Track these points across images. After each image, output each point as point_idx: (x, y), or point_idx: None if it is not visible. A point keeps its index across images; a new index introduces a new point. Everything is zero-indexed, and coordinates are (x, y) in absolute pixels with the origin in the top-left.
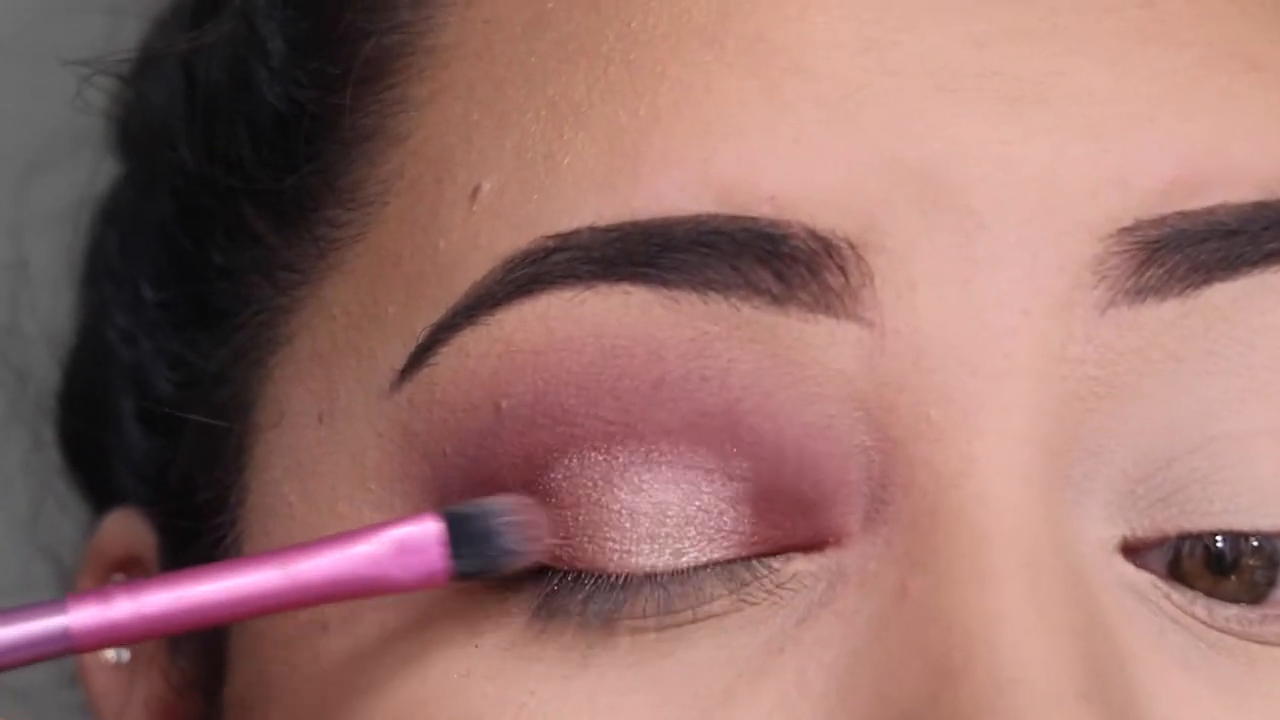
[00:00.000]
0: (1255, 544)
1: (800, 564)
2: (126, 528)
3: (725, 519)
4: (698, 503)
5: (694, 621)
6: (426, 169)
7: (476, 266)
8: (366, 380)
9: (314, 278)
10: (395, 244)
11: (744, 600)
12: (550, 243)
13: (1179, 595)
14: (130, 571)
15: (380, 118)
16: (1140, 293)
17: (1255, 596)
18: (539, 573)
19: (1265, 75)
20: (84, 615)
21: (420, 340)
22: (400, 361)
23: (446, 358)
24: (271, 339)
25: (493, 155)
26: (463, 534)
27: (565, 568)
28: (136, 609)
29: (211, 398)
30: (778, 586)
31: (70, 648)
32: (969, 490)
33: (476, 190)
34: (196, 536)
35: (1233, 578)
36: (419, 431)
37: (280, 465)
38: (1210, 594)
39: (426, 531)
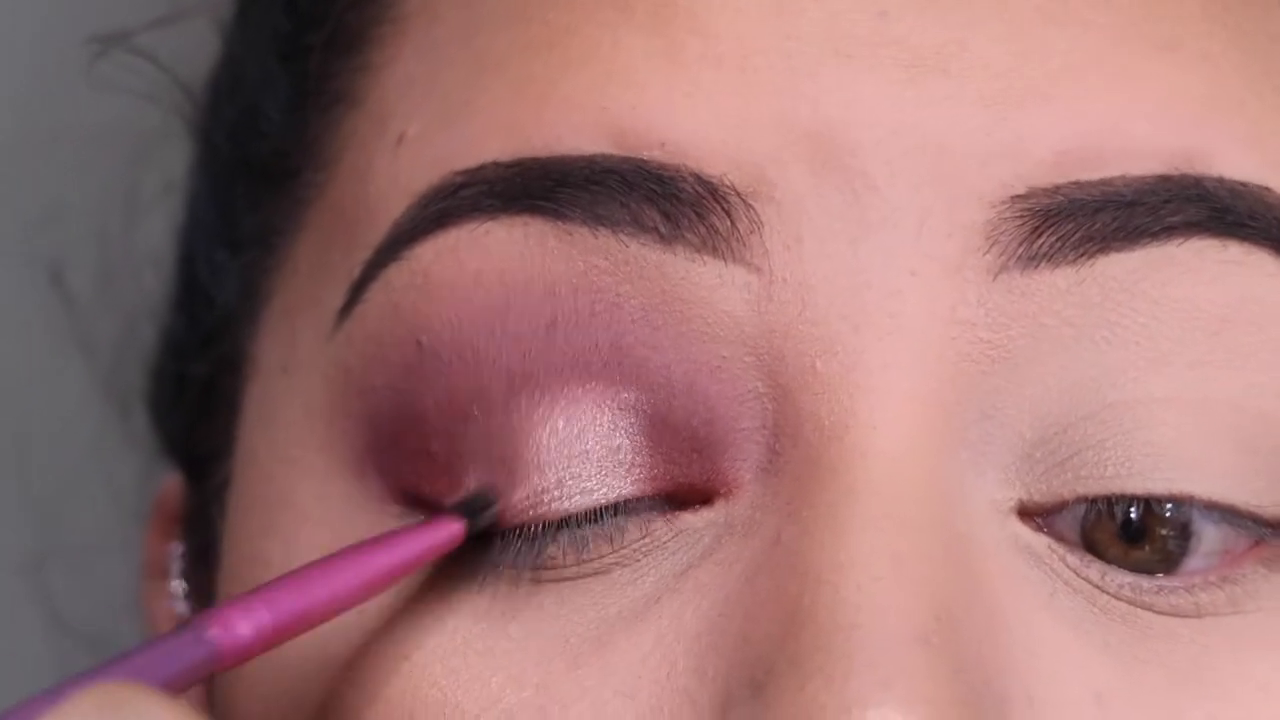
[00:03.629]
0: (1167, 513)
1: (689, 519)
2: (180, 487)
3: (625, 455)
4: (595, 439)
5: (607, 568)
6: (372, 125)
7: (397, 205)
8: (317, 327)
9: (289, 238)
10: (342, 196)
11: (632, 554)
12: (459, 178)
13: (1074, 559)
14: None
15: (348, 83)
16: (1033, 259)
17: (1168, 566)
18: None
19: (1178, 55)
20: (231, 631)
21: (354, 279)
22: (340, 302)
23: (375, 293)
24: (257, 298)
25: (422, 105)
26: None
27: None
28: (274, 617)
29: (214, 355)
30: (670, 540)
31: (222, 664)
32: (848, 443)
33: (402, 136)
34: (205, 494)
35: (1145, 547)
36: (354, 367)
37: (254, 416)
38: (1122, 562)
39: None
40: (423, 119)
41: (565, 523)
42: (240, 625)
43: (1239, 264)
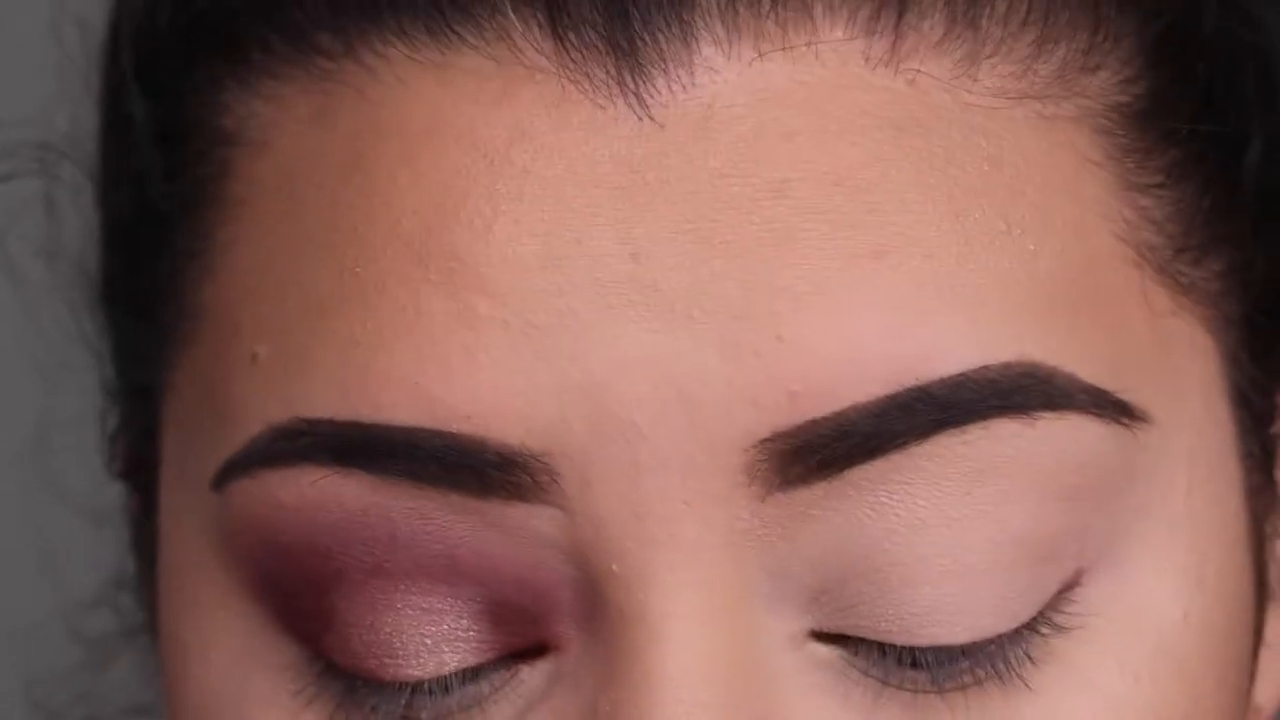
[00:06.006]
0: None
1: (526, 670)
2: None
3: (471, 633)
4: (446, 623)
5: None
6: (225, 316)
7: (253, 424)
8: (201, 470)
9: (174, 357)
10: (208, 370)
11: (488, 700)
12: (302, 425)
13: (863, 661)
14: None
15: (200, 245)
16: (790, 483)
17: (940, 674)
18: (339, 679)
19: (888, 261)
20: None
21: (214, 474)
22: (210, 474)
23: (234, 494)
24: (160, 378)
25: (267, 326)
26: None
27: (356, 676)
28: None
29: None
30: (511, 689)
31: None
32: (645, 628)
33: (255, 356)
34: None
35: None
36: (228, 533)
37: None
38: (903, 664)
39: None
40: (270, 344)
41: (423, 685)
42: None
43: (977, 441)
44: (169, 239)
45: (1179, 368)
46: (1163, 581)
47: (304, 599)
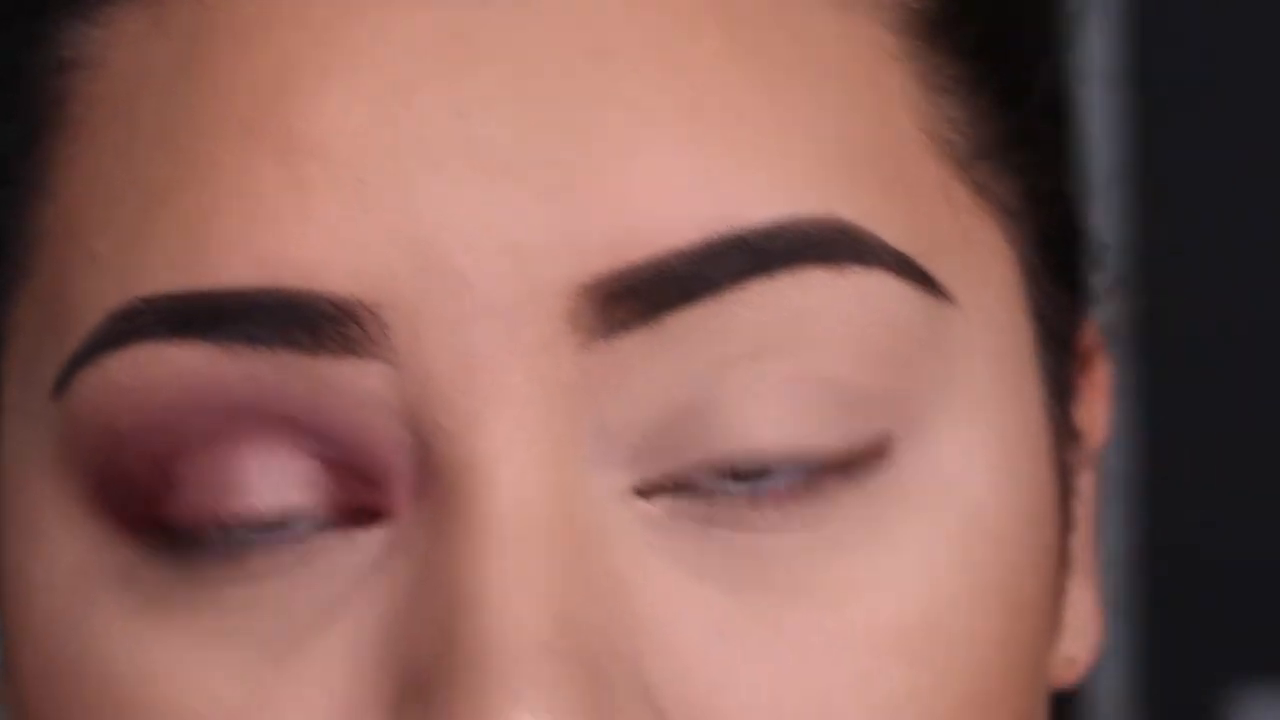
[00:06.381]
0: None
1: (360, 535)
2: None
3: (309, 498)
4: (284, 488)
5: (290, 569)
6: (64, 230)
7: (93, 317)
8: (42, 385)
9: (17, 293)
10: (50, 287)
11: (312, 558)
12: (140, 304)
13: (686, 509)
14: None
15: (41, 173)
16: (613, 330)
17: (756, 490)
18: (173, 536)
19: (703, 118)
20: None
21: (55, 379)
22: (51, 382)
23: (74, 392)
24: (5, 322)
25: (107, 225)
26: None
27: (188, 532)
28: None
29: None
30: (345, 550)
31: None
32: (476, 476)
33: (94, 254)
34: None
35: (742, 480)
36: (69, 436)
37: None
38: (725, 493)
39: None
40: (109, 239)
41: (254, 528)
42: None
43: (788, 289)
44: (11, 177)
45: (981, 264)
46: (973, 464)
47: (143, 482)
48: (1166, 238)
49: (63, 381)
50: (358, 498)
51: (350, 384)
